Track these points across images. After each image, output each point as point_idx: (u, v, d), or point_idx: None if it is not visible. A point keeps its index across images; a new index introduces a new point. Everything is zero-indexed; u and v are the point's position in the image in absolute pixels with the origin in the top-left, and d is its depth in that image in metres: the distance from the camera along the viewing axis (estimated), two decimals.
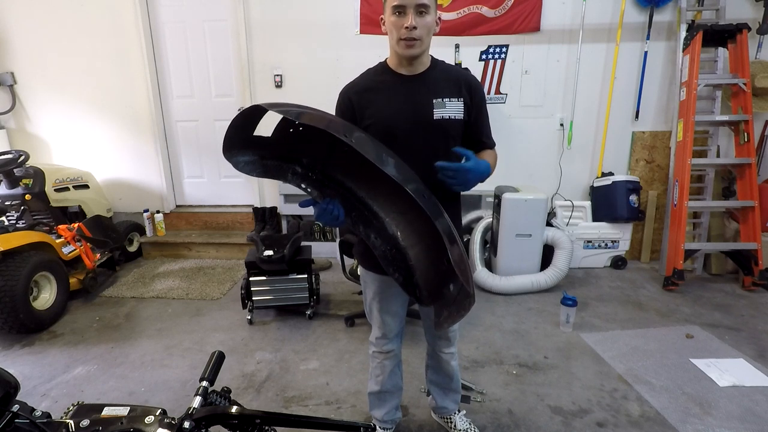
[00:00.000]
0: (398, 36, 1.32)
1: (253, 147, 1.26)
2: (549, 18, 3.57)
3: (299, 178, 1.33)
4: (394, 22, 1.31)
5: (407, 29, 1.29)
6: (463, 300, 1.19)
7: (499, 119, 3.77)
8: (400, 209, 1.38)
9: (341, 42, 3.76)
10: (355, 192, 1.38)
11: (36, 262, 2.81)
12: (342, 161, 1.32)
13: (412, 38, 1.31)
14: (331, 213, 1.27)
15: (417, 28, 1.29)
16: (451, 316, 1.23)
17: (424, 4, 1.28)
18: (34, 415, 0.76)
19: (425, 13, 1.30)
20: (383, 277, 1.57)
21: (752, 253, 3.20)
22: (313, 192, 1.34)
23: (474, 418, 1.97)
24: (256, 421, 0.84)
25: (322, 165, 1.34)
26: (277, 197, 4.04)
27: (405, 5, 1.28)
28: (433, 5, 1.32)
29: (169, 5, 3.94)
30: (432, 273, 1.37)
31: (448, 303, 1.28)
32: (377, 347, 1.73)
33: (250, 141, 1.25)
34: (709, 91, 3.49)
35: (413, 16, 1.28)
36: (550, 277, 3.28)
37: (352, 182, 1.37)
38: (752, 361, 2.39)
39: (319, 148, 1.30)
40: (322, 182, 1.35)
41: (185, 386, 2.27)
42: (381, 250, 1.39)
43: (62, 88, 4.12)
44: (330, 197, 1.32)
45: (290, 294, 2.90)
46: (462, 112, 1.41)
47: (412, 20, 1.28)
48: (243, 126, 1.20)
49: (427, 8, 1.30)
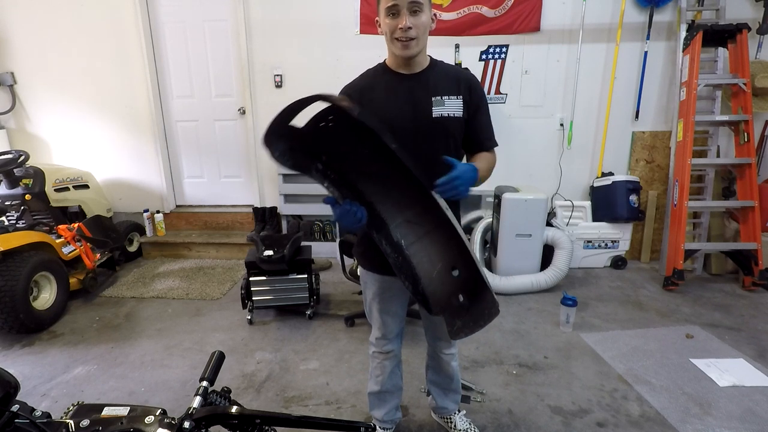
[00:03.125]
0: (394, 37, 1.31)
1: (285, 137, 1.20)
2: (549, 18, 3.57)
3: (321, 176, 1.29)
4: (389, 24, 1.31)
5: (402, 30, 1.29)
6: (478, 311, 1.17)
7: (499, 119, 3.76)
8: (407, 218, 1.36)
9: (341, 42, 3.76)
10: (365, 196, 1.34)
11: (36, 262, 2.81)
12: (359, 163, 1.30)
13: (407, 38, 1.30)
14: (354, 215, 1.24)
15: (412, 28, 1.29)
16: (467, 327, 1.21)
17: (417, 2, 1.28)
18: (34, 415, 0.76)
19: (419, 12, 1.29)
20: (383, 277, 1.57)
21: (752, 253, 3.20)
22: (334, 192, 1.29)
23: (474, 418, 1.97)
24: (256, 421, 0.84)
25: (339, 164, 1.30)
26: (277, 197, 4.04)
27: (398, 5, 1.28)
28: (427, 3, 1.32)
29: (169, 5, 3.94)
30: (438, 283, 1.36)
31: (459, 313, 1.26)
32: (377, 347, 1.73)
33: (285, 130, 1.19)
34: (709, 91, 3.49)
35: (407, 16, 1.28)
36: (550, 277, 3.28)
37: (364, 185, 1.34)
38: (752, 361, 2.38)
39: (342, 147, 1.26)
40: (339, 182, 1.31)
41: (185, 386, 2.27)
42: (392, 257, 1.36)
43: (62, 88, 4.12)
44: (347, 198, 1.28)
45: (290, 294, 2.90)
46: (461, 110, 1.40)
47: (406, 21, 1.28)
48: (291, 113, 1.14)
49: (421, 6, 1.29)
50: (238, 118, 4.12)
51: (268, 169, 4.13)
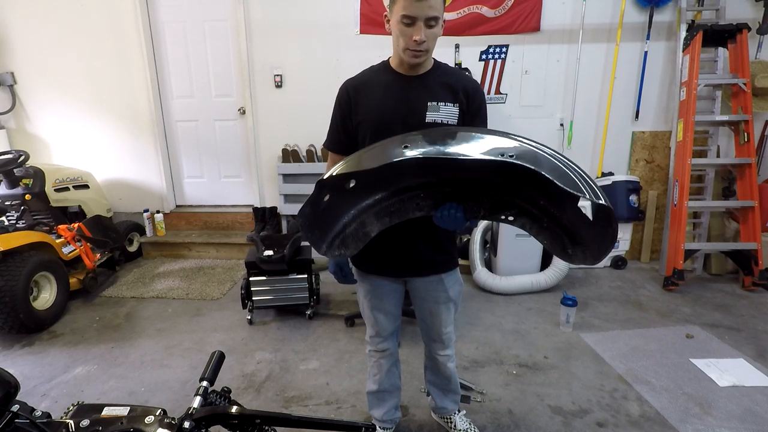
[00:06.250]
0: (405, 45, 1.30)
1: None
2: (549, 18, 3.57)
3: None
4: (402, 31, 1.28)
5: (416, 42, 1.27)
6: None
7: (499, 119, 3.76)
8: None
9: (341, 42, 3.76)
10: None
11: (36, 262, 2.81)
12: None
13: (420, 50, 1.30)
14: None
15: (426, 41, 1.28)
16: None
17: (435, 17, 1.26)
18: (34, 415, 0.76)
19: (434, 26, 1.28)
20: (374, 275, 1.58)
21: (752, 253, 3.20)
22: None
23: (474, 418, 1.97)
24: (256, 421, 0.84)
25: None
26: (277, 197, 4.04)
27: (416, 17, 1.25)
28: (442, 14, 1.30)
29: (169, 5, 3.94)
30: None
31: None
32: (372, 346, 1.74)
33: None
34: (709, 91, 3.49)
35: (423, 29, 1.26)
36: (550, 277, 3.28)
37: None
38: (752, 361, 2.38)
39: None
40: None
41: (185, 386, 2.27)
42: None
43: (62, 88, 4.12)
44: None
45: (290, 294, 2.90)
46: (456, 118, 1.40)
47: (422, 35, 1.26)
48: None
49: (437, 20, 1.28)
50: (238, 118, 4.12)
51: (268, 169, 4.13)
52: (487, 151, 1.07)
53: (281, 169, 3.91)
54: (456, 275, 1.62)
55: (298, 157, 3.89)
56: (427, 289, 1.59)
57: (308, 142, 3.93)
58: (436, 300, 1.61)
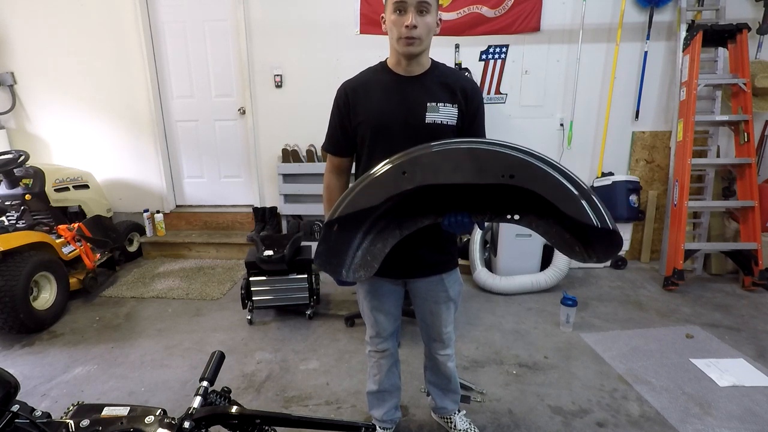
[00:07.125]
0: (398, 34, 1.32)
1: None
2: (549, 18, 3.57)
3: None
4: (395, 21, 1.31)
5: (407, 28, 1.29)
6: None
7: (499, 119, 3.76)
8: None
9: (341, 42, 3.76)
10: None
11: (36, 262, 2.81)
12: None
13: (411, 37, 1.30)
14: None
15: (417, 27, 1.29)
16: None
17: (425, 2, 1.28)
18: (34, 415, 0.76)
19: (426, 12, 1.30)
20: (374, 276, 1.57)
21: (752, 253, 3.20)
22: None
23: (474, 418, 1.97)
24: (256, 421, 0.84)
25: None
26: (277, 197, 4.04)
27: (406, 2, 1.28)
28: (435, 5, 1.32)
29: (169, 5, 3.94)
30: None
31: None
32: (372, 346, 1.74)
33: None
34: (709, 91, 3.49)
35: (414, 14, 1.28)
36: (550, 277, 3.28)
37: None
38: (752, 361, 2.39)
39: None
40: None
41: (185, 386, 2.27)
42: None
43: (62, 88, 4.12)
44: None
45: (290, 294, 2.90)
46: (455, 118, 1.40)
47: (413, 19, 1.28)
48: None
49: (428, 7, 1.29)
50: (238, 118, 4.12)
51: (268, 169, 4.13)
52: (484, 173, 1.12)
53: (281, 169, 3.92)
54: (456, 275, 1.63)
55: (298, 157, 3.90)
56: (428, 288, 1.60)
57: (308, 142, 3.94)
58: (436, 300, 1.61)
